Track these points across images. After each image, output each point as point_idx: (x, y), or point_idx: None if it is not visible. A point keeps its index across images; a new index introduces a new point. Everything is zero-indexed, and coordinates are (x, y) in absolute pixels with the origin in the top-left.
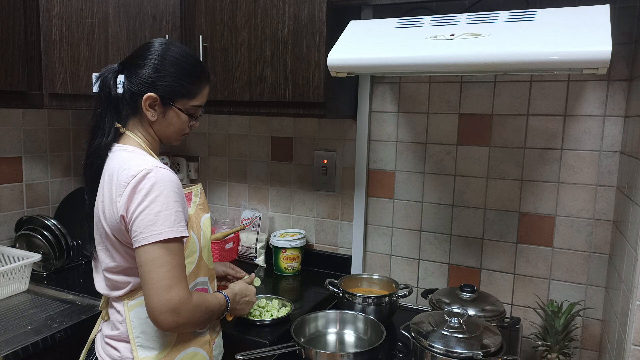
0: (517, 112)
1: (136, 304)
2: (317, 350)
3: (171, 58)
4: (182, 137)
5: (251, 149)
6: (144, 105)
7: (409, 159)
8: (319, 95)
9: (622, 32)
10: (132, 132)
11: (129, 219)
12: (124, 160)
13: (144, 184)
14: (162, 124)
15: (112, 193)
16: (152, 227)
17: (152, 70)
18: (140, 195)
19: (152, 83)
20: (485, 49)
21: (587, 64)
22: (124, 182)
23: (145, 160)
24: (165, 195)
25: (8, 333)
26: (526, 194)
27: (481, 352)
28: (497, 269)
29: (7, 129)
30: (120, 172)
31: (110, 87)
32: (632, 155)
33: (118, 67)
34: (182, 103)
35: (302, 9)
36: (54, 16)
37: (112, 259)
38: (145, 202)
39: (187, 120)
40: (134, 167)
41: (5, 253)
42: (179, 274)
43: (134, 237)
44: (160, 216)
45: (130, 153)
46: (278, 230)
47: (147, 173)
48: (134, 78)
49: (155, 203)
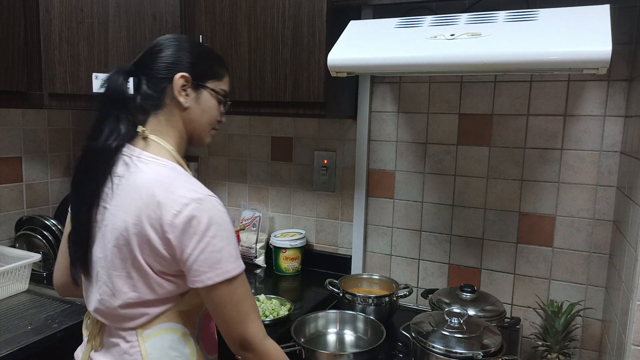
0: (517, 112)
1: (153, 334)
2: (317, 350)
3: (190, 41)
4: (213, 131)
5: (251, 149)
6: (176, 89)
7: (409, 159)
8: (319, 95)
9: (622, 32)
10: (157, 136)
11: (187, 256)
12: (166, 181)
13: (201, 217)
14: (196, 111)
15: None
16: (217, 266)
17: (179, 50)
18: (200, 231)
19: (181, 63)
20: (485, 49)
21: (587, 64)
22: (174, 210)
23: (194, 185)
24: (224, 228)
25: (8, 333)
26: (526, 194)
27: (481, 352)
28: (497, 269)
29: (7, 129)
30: (166, 196)
31: (123, 86)
32: (632, 155)
33: (131, 67)
34: (213, 84)
35: (302, 9)
36: (54, 16)
37: (134, 289)
38: (206, 238)
39: (218, 106)
40: (184, 194)
41: (5, 253)
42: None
43: (195, 277)
44: (223, 253)
45: (171, 171)
46: (278, 230)
47: (200, 203)
48: (157, 65)
49: (217, 239)
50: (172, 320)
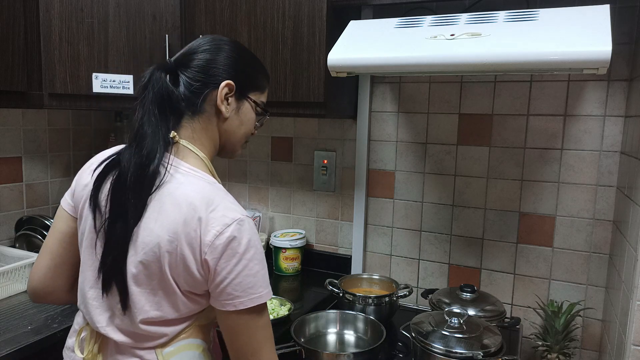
0: (517, 112)
1: (174, 352)
2: (317, 350)
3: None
4: (245, 144)
5: (251, 149)
6: (219, 97)
7: (409, 159)
8: (319, 95)
9: (622, 32)
10: (190, 143)
11: (222, 278)
12: (209, 197)
13: (240, 238)
14: (234, 123)
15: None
16: (251, 290)
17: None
18: (239, 253)
19: (228, 70)
20: (485, 49)
21: (587, 64)
22: (215, 229)
23: (234, 204)
24: (259, 251)
25: (8, 333)
26: (526, 194)
27: (481, 352)
28: (497, 269)
29: (7, 129)
30: (208, 214)
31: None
32: (632, 155)
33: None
34: (255, 96)
35: (302, 9)
36: (54, 16)
37: (158, 307)
38: (243, 261)
39: (256, 119)
40: (226, 213)
41: (5, 253)
42: (266, 335)
43: (228, 300)
44: (258, 277)
45: (212, 186)
46: (278, 230)
47: (241, 225)
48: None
49: (253, 262)
50: (192, 336)
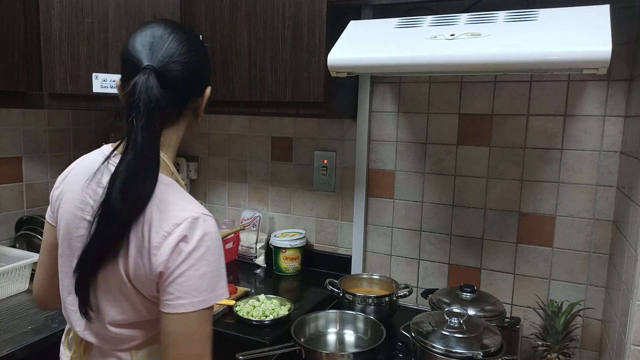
0: (517, 112)
1: (148, 354)
2: (317, 350)
3: (202, 41)
4: None
5: (251, 149)
6: (203, 104)
7: (409, 159)
8: (319, 95)
9: (622, 32)
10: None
11: (166, 276)
12: (161, 199)
13: (191, 237)
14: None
15: (145, 239)
16: (194, 293)
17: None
18: (185, 252)
19: (207, 76)
20: (485, 49)
21: (587, 64)
22: (164, 230)
23: (189, 204)
24: (212, 251)
25: (8, 333)
26: (526, 194)
27: (481, 352)
28: (497, 269)
29: (7, 129)
30: (156, 217)
31: (154, 88)
32: (632, 155)
33: (152, 67)
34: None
35: (302, 9)
36: (54, 16)
37: (122, 311)
38: (190, 260)
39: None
40: (178, 212)
41: (5, 253)
42: (209, 346)
43: (168, 301)
44: (204, 280)
45: (167, 187)
46: (278, 230)
47: (193, 223)
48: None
49: (201, 263)
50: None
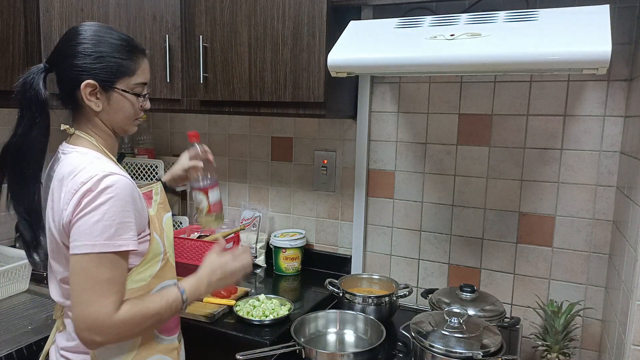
0: (517, 112)
1: None
2: (317, 350)
3: (98, 38)
4: (136, 121)
5: (251, 149)
6: (84, 96)
7: (409, 159)
8: (319, 95)
9: (622, 32)
10: (82, 131)
11: (71, 225)
12: (75, 165)
13: (93, 190)
14: (110, 113)
15: (60, 200)
16: (86, 237)
17: (83, 56)
18: (86, 200)
19: (86, 69)
20: (485, 49)
21: (587, 64)
22: (73, 189)
23: (98, 165)
24: (110, 204)
25: (8, 333)
26: (526, 194)
27: (481, 352)
28: (497, 269)
29: (7, 129)
30: (71, 178)
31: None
32: (632, 155)
33: (45, 65)
34: (124, 83)
35: (302, 9)
36: (54, 16)
37: (64, 268)
38: (87, 209)
39: (135, 101)
40: (85, 172)
41: (5, 253)
42: (106, 289)
43: (70, 244)
44: (97, 226)
45: (83, 156)
46: (278, 230)
47: (98, 179)
48: (65, 71)
49: (97, 211)
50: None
